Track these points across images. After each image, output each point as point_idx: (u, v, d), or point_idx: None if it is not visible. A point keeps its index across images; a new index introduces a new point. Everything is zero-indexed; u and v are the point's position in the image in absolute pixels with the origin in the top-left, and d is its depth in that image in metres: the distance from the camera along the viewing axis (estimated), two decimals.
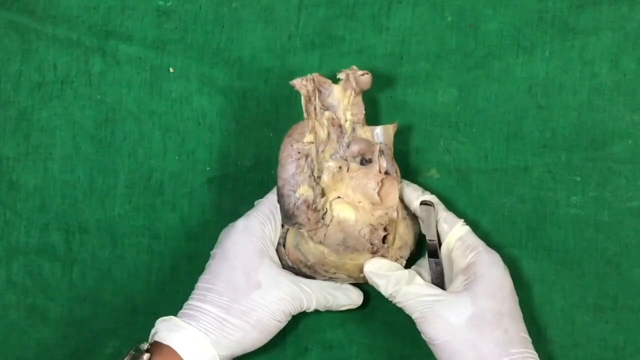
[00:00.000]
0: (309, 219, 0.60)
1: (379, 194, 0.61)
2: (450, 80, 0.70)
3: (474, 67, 0.70)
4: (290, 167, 0.60)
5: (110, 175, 0.72)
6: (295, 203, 0.59)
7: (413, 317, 0.60)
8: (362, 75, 0.63)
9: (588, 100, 0.69)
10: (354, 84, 0.63)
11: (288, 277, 0.63)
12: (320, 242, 0.61)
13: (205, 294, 0.62)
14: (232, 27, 0.72)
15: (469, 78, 0.70)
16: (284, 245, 0.64)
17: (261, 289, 0.61)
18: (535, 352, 0.60)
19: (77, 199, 0.72)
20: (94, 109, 0.73)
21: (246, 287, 0.61)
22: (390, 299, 0.62)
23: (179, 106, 0.72)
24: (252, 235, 0.63)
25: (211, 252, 0.64)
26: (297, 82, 0.62)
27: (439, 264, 0.64)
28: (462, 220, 0.64)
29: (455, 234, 0.63)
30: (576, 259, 0.68)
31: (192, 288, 0.70)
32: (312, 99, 0.62)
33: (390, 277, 0.61)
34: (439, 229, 0.64)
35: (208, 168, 0.72)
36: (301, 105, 0.61)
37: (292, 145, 0.60)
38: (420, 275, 0.63)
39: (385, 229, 0.61)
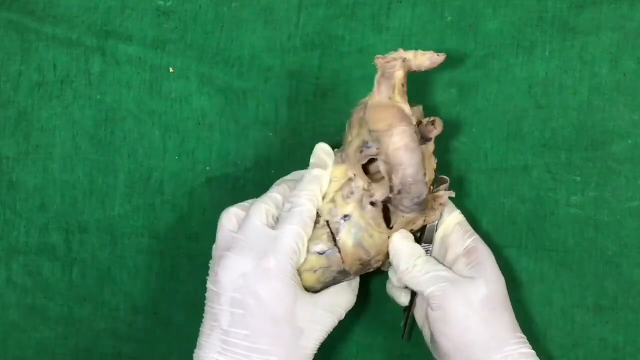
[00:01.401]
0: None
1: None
2: (450, 80, 0.71)
3: (473, 67, 0.71)
4: (418, 152, 0.55)
5: (110, 175, 0.72)
6: (428, 188, 0.57)
7: (428, 291, 0.58)
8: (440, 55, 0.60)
9: (588, 100, 0.69)
10: (426, 64, 0.59)
11: (322, 306, 0.58)
12: (391, 228, 0.59)
13: (251, 355, 0.55)
14: (232, 27, 0.72)
15: (469, 78, 0.70)
16: (339, 251, 0.58)
17: (304, 335, 0.57)
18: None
19: (77, 199, 0.72)
20: (94, 109, 0.73)
21: (292, 339, 0.56)
22: (402, 275, 0.60)
23: (179, 106, 0.72)
24: (287, 277, 0.56)
25: (235, 296, 0.56)
26: (397, 64, 0.57)
27: (430, 250, 0.63)
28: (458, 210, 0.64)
29: (454, 219, 0.63)
30: (576, 259, 0.68)
31: (192, 288, 0.71)
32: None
33: (414, 248, 0.60)
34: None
35: (208, 168, 0.72)
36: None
37: (412, 130, 0.55)
38: None
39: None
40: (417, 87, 0.70)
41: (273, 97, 0.72)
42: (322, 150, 0.60)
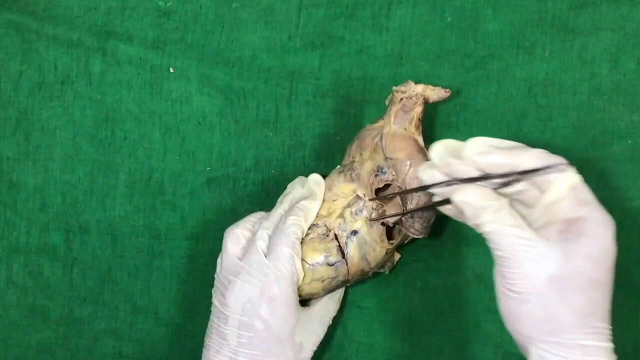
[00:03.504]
0: None
1: None
2: (450, 81, 0.71)
3: (473, 67, 0.71)
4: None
5: (111, 175, 0.72)
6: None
7: (495, 252, 0.53)
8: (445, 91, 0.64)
9: (588, 100, 0.69)
10: (434, 98, 0.63)
11: (316, 318, 0.64)
12: (392, 243, 0.63)
13: None
14: (232, 27, 0.73)
15: (469, 78, 0.71)
16: (347, 263, 0.62)
17: (303, 348, 0.62)
18: (610, 326, 0.54)
19: (77, 199, 0.72)
20: (94, 109, 0.73)
21: (294, 354, 0.61)
22: (474, 227, 0.55)
23: (179, 106, 0.72)
24: (290, 301, 0.60)
25: (242, 319, 0.60)
26: (418, 101, 0.62)
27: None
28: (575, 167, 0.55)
29: (566, 181, 0.54)
30: None
31: (192, 288, 0.71)
32: None
33: (490, 207, 0.53)
34: (542, 172, 0.54)
35: (208, 168, 0.72)
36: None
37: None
38: None
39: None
40: None
41: (273, 97, 0.72)
42: (314, 181, 0.64)
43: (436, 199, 0.58)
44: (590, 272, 0.52)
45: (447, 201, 0.56)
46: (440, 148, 0.56)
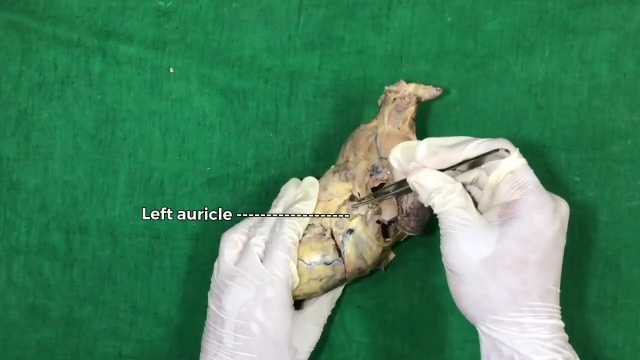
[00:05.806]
0: None
1: None
2: (450, 81, 0.71)
3: (473, 67, 0.71)
4: None
5: (111, 175, 0.72)
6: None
7: (440, 230, 0.57)
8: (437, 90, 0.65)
9: (588, 100, 0.70)
10: (426, 97, 0.64)
11: (309, 319, 0.65)
12: (387, 241, 0.64)
13: None
14: (232, 27, 0.73)
15: (469, 78, 0.71)
16: (344, 261, 0.62)
17: (298, 351, 0.62)
18: (557, 306, 0.56)
19: (77, 199, 0.72)
20: (94, 109, 0.73)
21: (290, 357, 0.61)
22: (431, 205, 0.58)
23: (179, 106, 0.72)
24: (285, 304, 0.60)
25: (238, 322, 0.60)
26: (411, 101, 0.63)
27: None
28: (518, 149, 0.57)
29: (507, 167, 0.56)
30: (576, 259, 0.68)
31: (192, 288, 0.71)
32: None
33: (443, 189, 0.57)
34: (486, 158, 0.57)
35: (208, 168, 0.72)
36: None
37: None
38: None
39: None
40: None
41: (273, 97, 0.72)
42: (308, 183, 0.64)
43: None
44: (519, 253, 0.54)
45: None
46: (397, 153, 0.60)
